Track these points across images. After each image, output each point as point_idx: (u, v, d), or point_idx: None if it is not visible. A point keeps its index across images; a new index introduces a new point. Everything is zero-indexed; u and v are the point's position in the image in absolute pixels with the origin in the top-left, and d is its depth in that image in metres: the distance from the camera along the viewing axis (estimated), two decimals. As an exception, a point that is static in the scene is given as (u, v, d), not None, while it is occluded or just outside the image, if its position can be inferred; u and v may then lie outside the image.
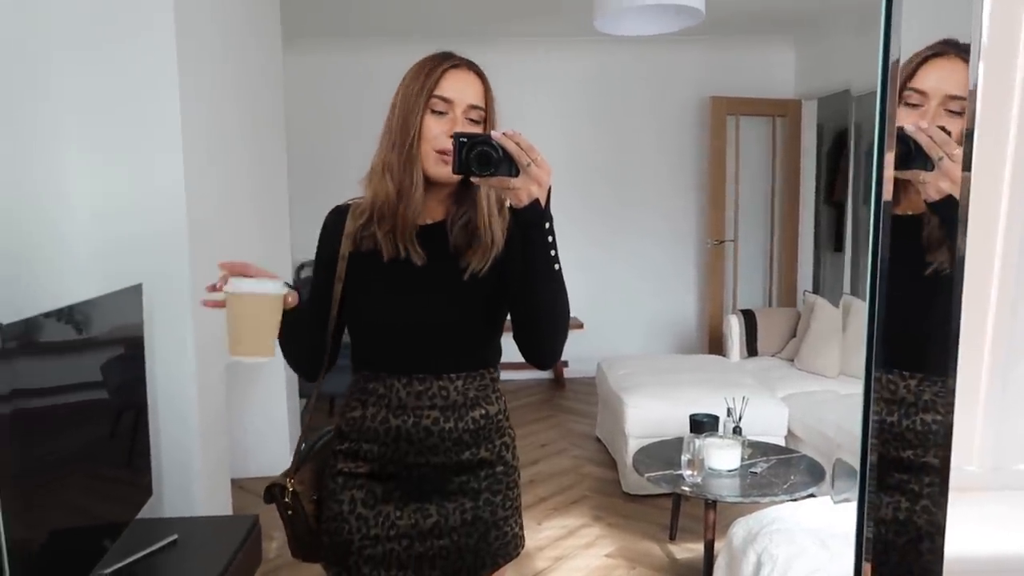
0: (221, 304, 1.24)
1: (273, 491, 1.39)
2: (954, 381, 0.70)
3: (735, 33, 5.36)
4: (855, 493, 0.75)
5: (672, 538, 3.05)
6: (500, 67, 6.22)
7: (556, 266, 1.21)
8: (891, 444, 0.76)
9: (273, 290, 1.24)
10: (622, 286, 5.70)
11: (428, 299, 1.31)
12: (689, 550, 2.96)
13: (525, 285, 1.23)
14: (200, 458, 2.53)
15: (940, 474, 0.73)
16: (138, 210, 2.39)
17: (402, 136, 1.27)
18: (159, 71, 2.36)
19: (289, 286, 1.29)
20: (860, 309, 3.98)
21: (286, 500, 1.37)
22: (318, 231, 1.38)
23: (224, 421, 2.83)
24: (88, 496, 1.93)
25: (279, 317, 1.26)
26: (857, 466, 0.76)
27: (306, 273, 5.00)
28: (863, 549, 0.74)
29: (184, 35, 2.42)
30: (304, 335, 1.37)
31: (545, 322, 1.28)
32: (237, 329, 1.22)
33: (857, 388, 0.71)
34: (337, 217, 1.38)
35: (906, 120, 0.72)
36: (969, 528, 1.01)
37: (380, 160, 1.30)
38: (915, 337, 0.78)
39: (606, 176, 5.64)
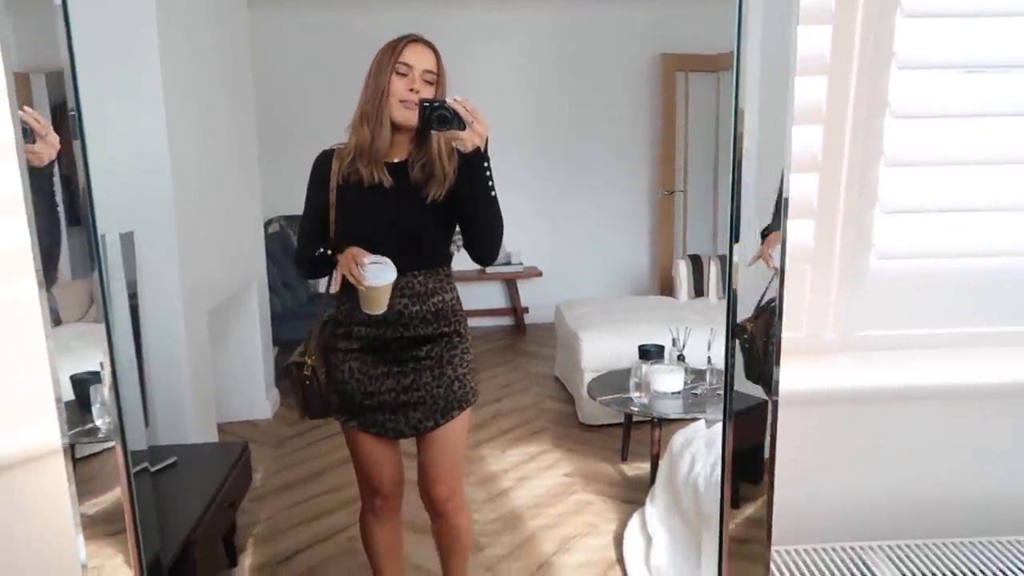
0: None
1: (291, 368, 1.85)
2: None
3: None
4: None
5: (624, 459, 3.36)
6: (459, 25, 6.32)
7: (493, 192, 1.71)
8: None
9: (393, 276, 1.73)
10: (579, 235, 5.97)
11: (398, 215, 1.77)
12: (638, 468, 3.28)
13: (471, 206, 1.72)
14: (190, 394, 2.75)
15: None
16: (125, 167, 2.56)
17: (375, 92, 1.73)
18: (139, 31, 2.52)
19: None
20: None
21: (304, 372, 1.85)
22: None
23: (209, 361, 3.05)
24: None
25: (389, 288, 1.75)
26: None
27: (273, 229, 5.17)
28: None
29: (162, 5, 2.57)
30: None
31: (486, 231, 1.76)
32: (376, 302, 1.74)
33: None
34: (325, 158, 1.84)
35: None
36: (826, 376, 1.32)
37: (359, 112, 1.76)
38: None
39: (562, 130, 5.86)
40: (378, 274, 1.72)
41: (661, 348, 3.24)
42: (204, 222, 3.03)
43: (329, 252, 1.83)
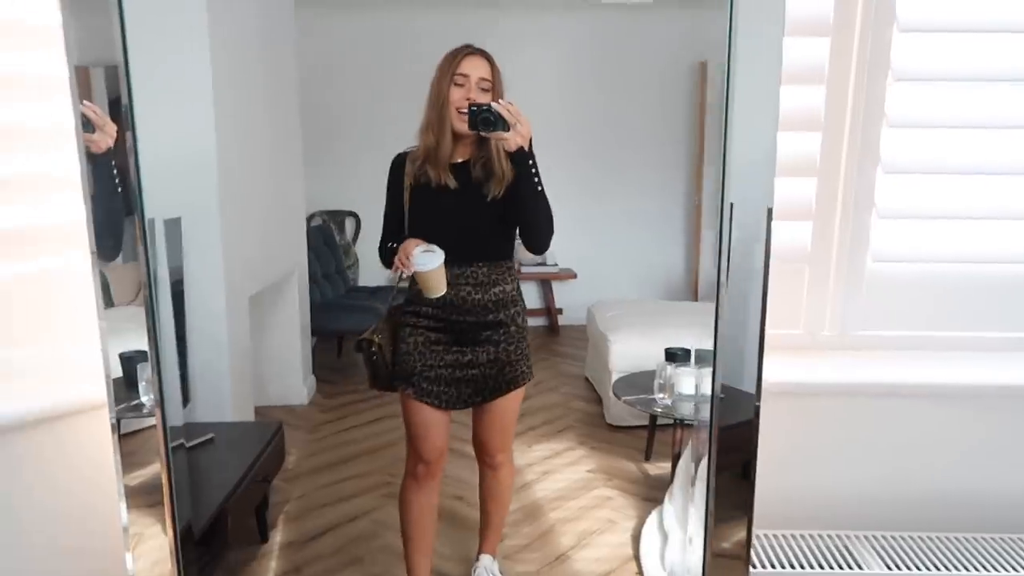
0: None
1: (362, 344, 2.06)
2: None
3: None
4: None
5: (647, 458, 3.41)
6: (503, 29, 6.43)
7: (540, 187, 1.89)
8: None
9: (439, 261, 1.89)
10: (614, 239, 6.02)
11: (462, 212, 1.95)
12: (660, 468, 3.32)
13: (520, 201, 1.90)
14: (229, 376, 2.88)
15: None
16: (174, 158, 2.70)
17: (437, 102, 1.91)
18: (192, 36, 2.66)
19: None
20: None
21: (372, 349, 2.04)
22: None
23: (249, 345, 3.18)
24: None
25: (443, 270, 1.92)
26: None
27: (315, 222, 5.33)
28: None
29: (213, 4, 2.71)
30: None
31: (536, 223, 1.94)
32: (427, 285, 1.92)
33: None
34: (400, 161, 2.03)
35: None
36: (822, 372, 1.38)
37: (426, 120, 1.94)
38: None
39: (600, 134, 5.92)
40: (424, 260, 1.88)
41: (688, 351, 3.28)
42: (247, 212, 3.17)
43: (395, 245, 2.02)
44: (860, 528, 1.41)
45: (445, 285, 1.94)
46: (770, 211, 0.97)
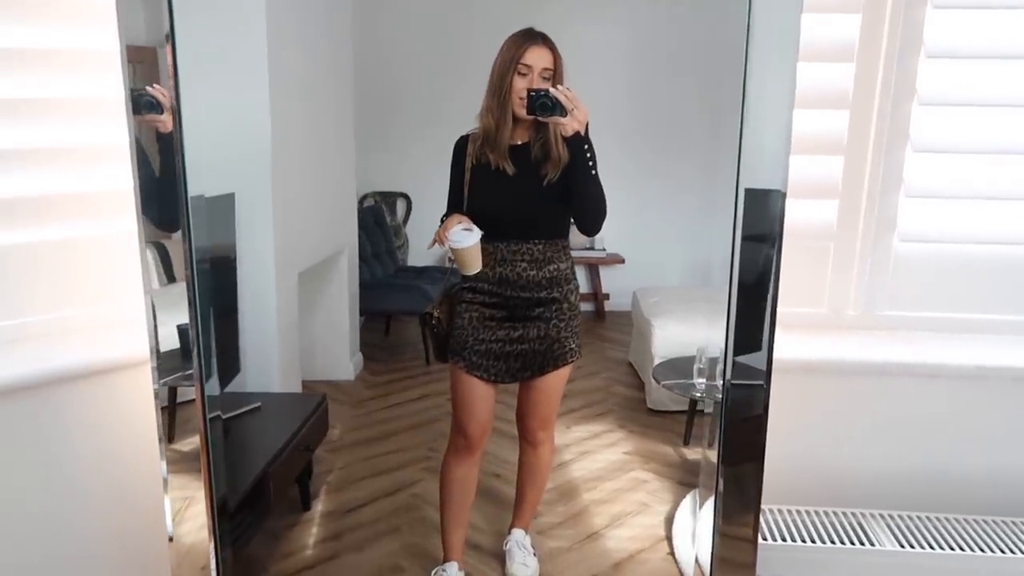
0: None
1: (425, 317, 2.16)
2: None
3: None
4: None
5: (686, 443, 3.41)
6: (560, 6, 6.37)
7: (594, 171, 1.95)
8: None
9: (474, 240, 1.98)
10: (662, 226, 5.96)
11: (521, 192, 2.02)
12: (699, 453, 3.32)
13: (576, 184, 1.95)
14: (278, 349, 2.98)
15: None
16: (230, 134, 2.79)
17: (499, 89, 1.95)
18: (250, 16, 2.74)
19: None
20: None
21: (433, 322, 2.14)
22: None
23: (296, 321, 3.28)
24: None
25: (479, 249, 2.01)
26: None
27: (369, 203, 5.42)
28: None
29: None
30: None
31: (589, 206, 2.00)
32: (463, 261, 2.01)
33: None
34: (463, 142, 2.09)
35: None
36: (844, 350, 1.37)
37: (486, 105, 2.00)
38: None
39: (649, 122, 5.85)
40: (460, 238, 1.96)
41: (729, 338, 3.26)
42: (300, 191, 3.25)
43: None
44: (876, 507, 1.41)
45: (480, 263, 2.02)
46: (783, 196, 0.98)
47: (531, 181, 2.00)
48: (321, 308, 4.09)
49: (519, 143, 2.02)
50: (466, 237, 1.97)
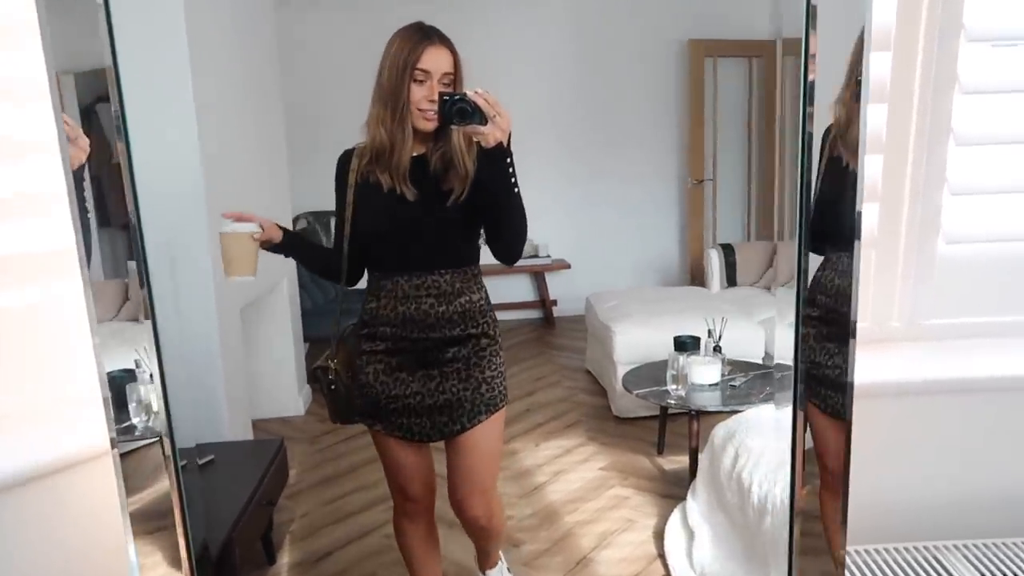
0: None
1: (317, 372, 1.81)
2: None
3: (709, -25, 5.48)
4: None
5: (660, 452, 3.31)
6: (479, 6, 6.23)
7: (516, 189, 1.62)
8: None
9: (241, 230, 1.64)
10: (607, 226, 5.91)
11: (419, 214, 1.68)
12: (675, 462, 3.23)
13: (494, 203, 1.64)
14: (224, 392, 2.75)
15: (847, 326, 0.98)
16: (157, 167, 2.56)
17: (393, 100, 1.63)
18: (170, 40, 2.51)
19: (283, 228, 1.74)
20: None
21: (330, 377, 1.79)
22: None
23: (242, 358, 3.05)
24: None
25: (251, 248, 1.65)
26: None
27: (301, 224, 5.18)
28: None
29: (191, 6, 2.56)
30: (306, 260, 1.90)
31: (509, 229, 1.67)
32: (227, 257, 1.65)
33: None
34: (346, 158, 1.77)
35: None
36: (891, 367, 1.28)
37: (375, 113, 1.67)
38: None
39: (587, 118, 5.79)
40: (235, 224, 1.64)
41: (697, 339, 3.18)
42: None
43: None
44: (950, 538, 1.32)
45: (250, 268, 1.65)
46: (857, 190, 0.86)
47: (432, 201, 1.67)
48: (265, 341, 3.86)
49: (414, 155, 1.69)
50: (238, 224, 1.64)
